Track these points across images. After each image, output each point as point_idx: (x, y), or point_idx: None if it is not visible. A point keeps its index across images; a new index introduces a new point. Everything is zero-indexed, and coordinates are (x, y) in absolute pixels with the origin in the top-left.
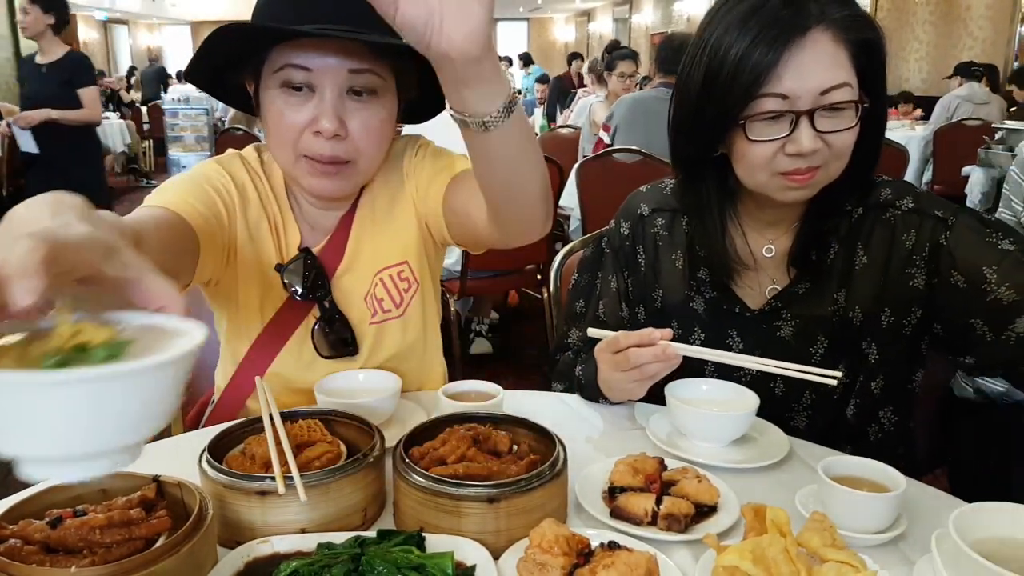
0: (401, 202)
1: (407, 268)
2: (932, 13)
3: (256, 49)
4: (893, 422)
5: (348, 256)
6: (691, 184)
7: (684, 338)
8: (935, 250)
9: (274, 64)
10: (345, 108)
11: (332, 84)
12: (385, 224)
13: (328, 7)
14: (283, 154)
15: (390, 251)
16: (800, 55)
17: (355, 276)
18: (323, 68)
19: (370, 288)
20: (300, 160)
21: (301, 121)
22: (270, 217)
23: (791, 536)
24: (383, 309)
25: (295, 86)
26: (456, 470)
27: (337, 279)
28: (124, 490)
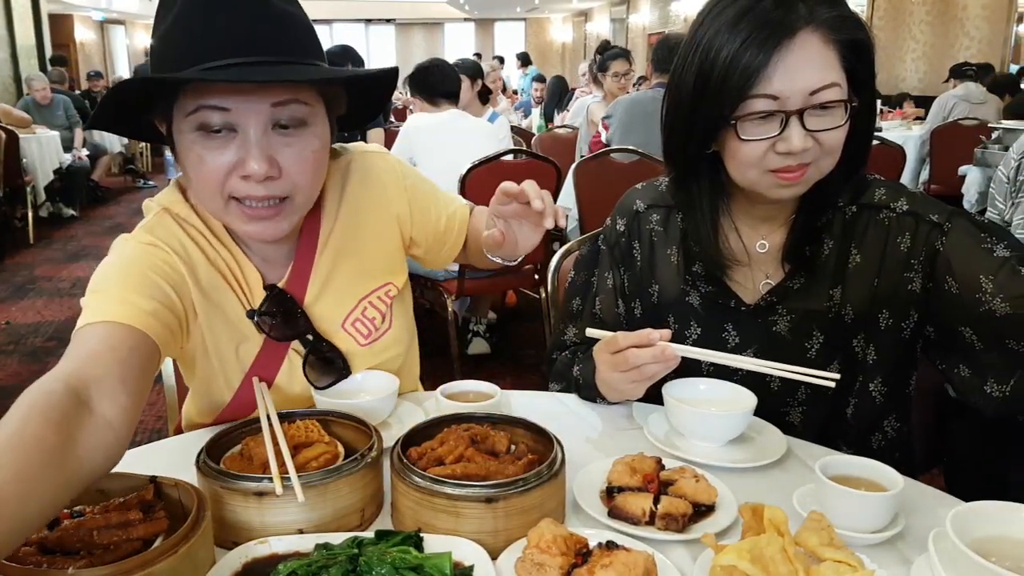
0: (376, 222)
1: (392, 287)
2: (929, 13)
3: (162, 93)
4: (896, 428)
5: (316, 283)
6: (684, 181)
7: (680, 333)
8: (932, 255)
9: (185, 107)
10: (272, 144)
11: (255, 122)
12: (360, 249)
13: (239, 38)
14: (211, 202)
15: (372, 275)
16: (789, 56)
17: (329, 302)
18: (243, 106)
19: (354, 312)
20: (230, 204)
21: (225, 164)
22: (222, 268)
23: (789, 535)
24: (375, 328)
25: (214, 129)
26: (454, 470)
27: (308, 308)
28: (121, 491)
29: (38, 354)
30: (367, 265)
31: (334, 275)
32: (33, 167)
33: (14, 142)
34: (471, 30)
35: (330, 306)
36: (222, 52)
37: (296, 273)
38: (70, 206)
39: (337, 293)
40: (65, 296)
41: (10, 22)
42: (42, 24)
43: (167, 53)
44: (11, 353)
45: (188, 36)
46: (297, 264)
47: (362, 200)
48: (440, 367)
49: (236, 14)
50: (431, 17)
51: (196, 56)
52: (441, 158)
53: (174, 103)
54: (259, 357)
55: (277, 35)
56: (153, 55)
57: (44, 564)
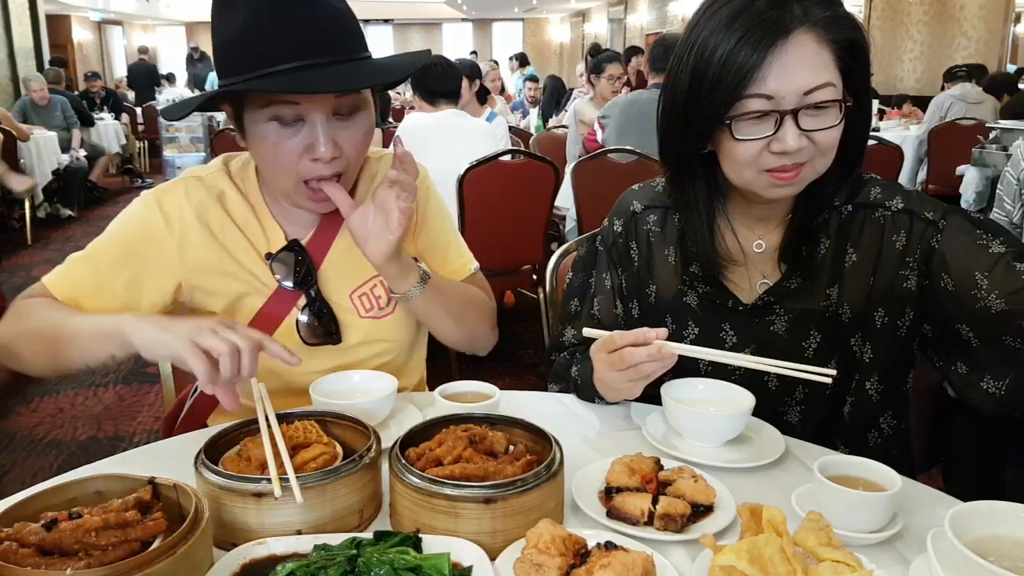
0: None
1: None
2: (926, 13)
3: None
4: (892, 426)
5: (336, 251)
6: (680, 181)
7: (678, 333)
8: (928, 253)
9: (261, 100)
10: (334, 129)
11: (321, 112)
12: None
13: (306, 40)
14: (283, 180)
15: None
16: (784, 56)
17: (343, 271)
18: (312, 100)
19: (363, 286)
20: (300, 186)
21: (297, 149)
22: (244, 225)
23: (787, 535)
24: (379, 306)
25: (286, 120)
26: (452, 471)
27: (323, 271)
28: (120, 492)
29: None
30: None
31: (353, 248)
32: (31, 168)
33: (12, 143)
34: (469, 30)
35: (343, 274)
36: (292, 55)
37: (318, 236)
38: (68, 207)
39: (352, 266)
40: None
41: (7, 22)
42: (39, 24)
43: (239, 54)
44: None
45: (259, 39)
46: (321, 229)
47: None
48: (438, 368)
49: (301, 17)
50: (429, 17)
51: (269, 58)
52: (438, 158)
53: (246, 97)
54: (263, 310)
55: (338, 34)
56: (221, 55)
57: (42, 565)
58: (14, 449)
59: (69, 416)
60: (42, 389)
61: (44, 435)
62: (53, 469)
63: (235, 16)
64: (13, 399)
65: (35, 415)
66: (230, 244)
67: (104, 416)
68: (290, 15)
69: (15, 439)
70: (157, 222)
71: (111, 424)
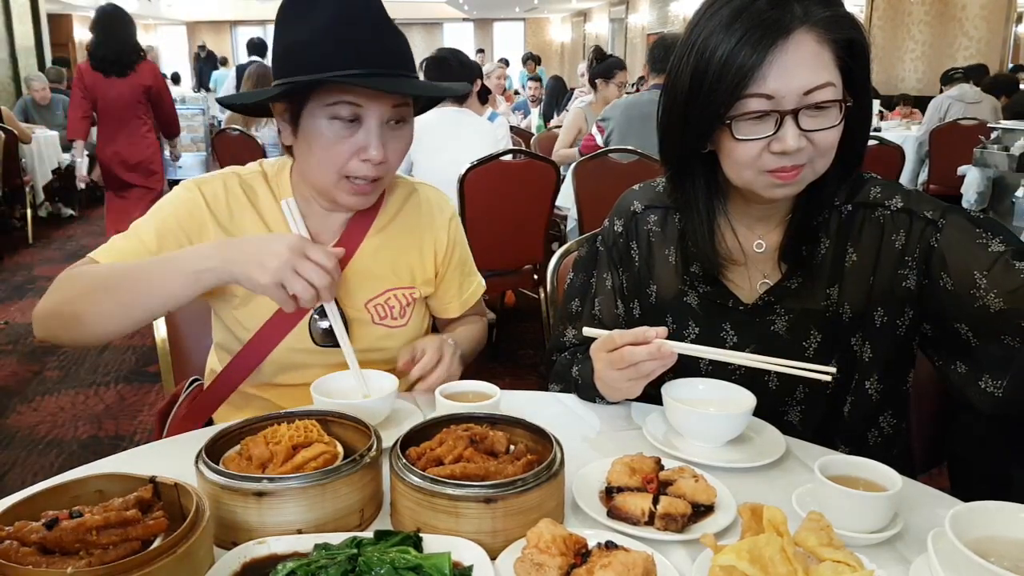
0: (419, 238)
1: (417, 291)
2: (927, 13)
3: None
4: (892, 425)
5: (357, 260)
6: (681, 181)
7: (679, 332)
8: (927, 252)
9: (325, 99)
10: (384, 135)
11: (376, 117)
12: (401, 251)
13: (374, 50)
14: (325, 175)
15: (402, 275)
16: (784, 56)
17: (361, 280)
18: (372, 104)
19: (378, 297)
20: (342, 181)
21: (350, 149)
22: (270, 222)
23: (788, 536)
24: (392, 316)
25: (346, 119)
26: (453, 470)
27: (342, 277)
28: (120, 491)
29: (36, 354)
30: (401, 264)
31: (373, 260)
32: (32, 167)
33: (13, 142)
34: (470, 30)
35: (361, 284)
36: (359, 61)
37: (342, 244)
38: (69, 206)
39: (371, 276)
40: None
41: (9, 22)
42: (41, 24)
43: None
44: (10, 353)
45: (329, 44)
46: (345, 236)
47: (414, 217)
48: None
49: (369, 31)
50: (430, 17)
51: (337, 62)
52: (439, 157)
53: (311, 95)
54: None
55: (398, 52)
56: (288, 55)
57: (43, 564)
58: (15, 448)
59: (70, 415)
60: (43, 388)
61: (45, 434)
62: (54, 468)
63: (306, 23)
64: (14, 398)
65: (36, 414)
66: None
67: (105, 415)
68: (360, 27)
69: (16, 438)
70: (199, 203)
71: (112, 423)
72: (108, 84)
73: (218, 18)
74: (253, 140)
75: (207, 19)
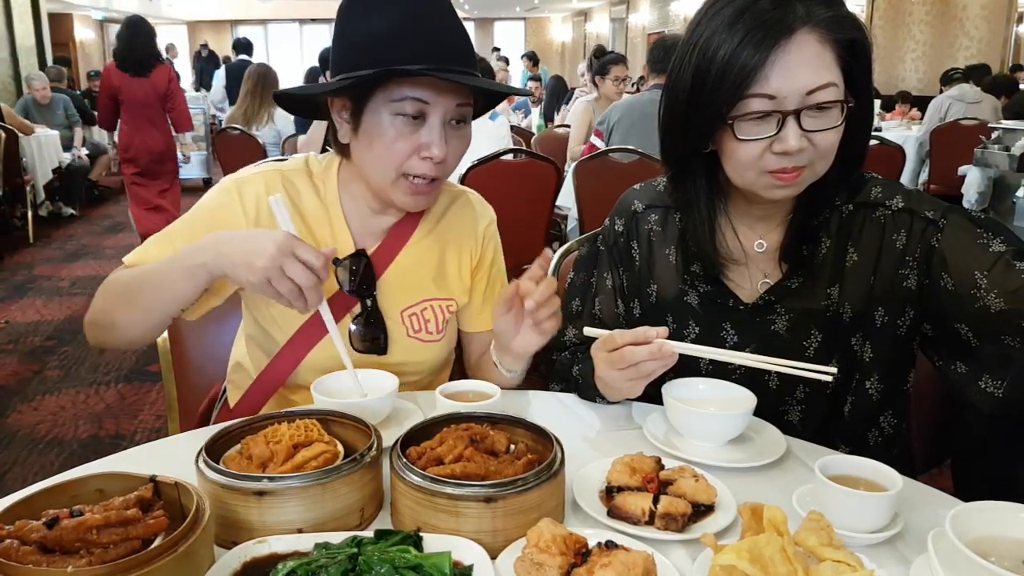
0: (459, 246)
1: (454, 303)
2: (928, 13)
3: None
4: (892, 425)
5: (398, 265)
6: (682, 181)
7: (679, 332)
8: (928, 252)
9: (392, 93)
10: (447, 135)
11: (439, 115)
12: (441, 260)
13: (443, 49)
14: (384, 172)
15: (441, 285)
16: (786, 56)
17: (400, 287)
18: (438, 101)
19: (415, 306)
20: (400, 179)
21: (411, 146)
22: (314, 226)
23: (788, 535)
24: (427, 330)
25: (411, 116)
26: (453, 470)
27: (381, 283)
28: (121, 490)
29: (37, 353)
30: (441, 274)
31: (413, 268)
32: (32, 166)
33: (14, 141)
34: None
35: (399, 291)
36: (430, 58)
37: (384, 248)
38: (70, 205)
39: (409, 284)
40: (64, 295)
41: (9, 21)
42: (41, 23)
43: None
44: (11, 352)
45: (400, 40)
46: (388, 241)
47: (457, 223)
48: None
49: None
50: None
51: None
52: None
53: (377, 89)
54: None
55: (465, 50)
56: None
57: (44, 563)
58: (15, 447)
59: (71, 414)
60: (44, 387)
61: (46, 433)
62: (54, 467)
63: (376, 18)
64: (15, 397)
65: (36, 413)
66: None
67: (105, 414)
68: (433, 24)
69: (17, 437)
70: (235, 207)
71: (112, 422)
72: (132, 82)
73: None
74: (253, 139)
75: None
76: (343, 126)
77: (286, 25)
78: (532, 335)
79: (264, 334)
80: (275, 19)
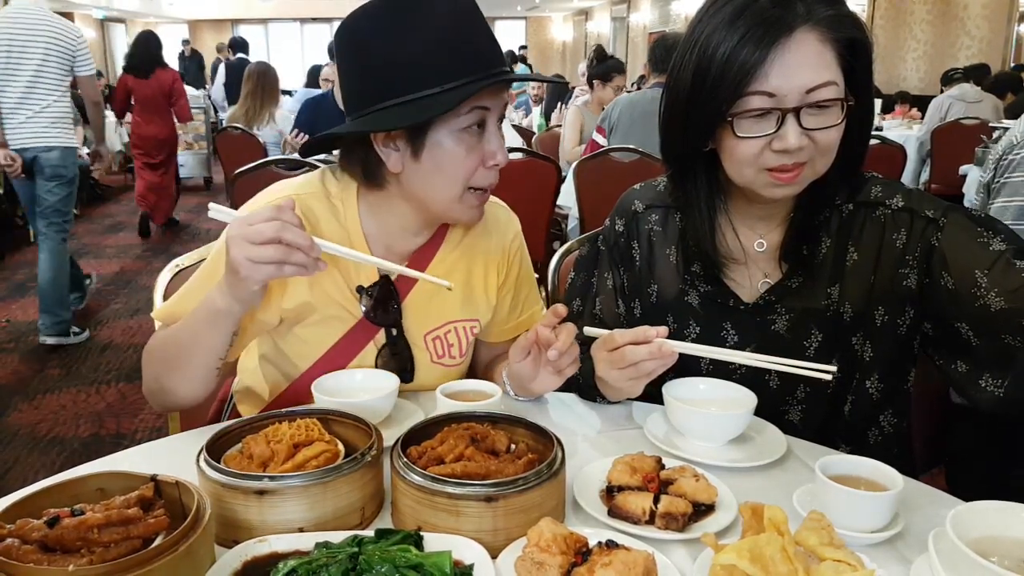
0: (484, 262)
1: (478, 324)
2: (930, 12)
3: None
4: (892, 424)
5: (421, 287)
6: (682, 180)
7: (680, 332)
8: (928, 251)
9: (460, 109)
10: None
11: (496, 117)
12: (465, 280)
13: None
14: (451, 191)
15: (465, 306)
16: (786, 54)
17: (423, 311)
18: (495, 105)
19: (438, 330)
20: (466, 194)
21: (478, 158)
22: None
23: (789, 535)
24: (450, 355)
25: (476, 124)
26: (454, 469)
27: (404, 307)
28: (122, 489)
29: (38, 352)
30: (465, 295)
31: (437, 290)
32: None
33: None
34: None
35: (421, 315)
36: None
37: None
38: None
39: (432, 307)
40: None
41: None
42: None
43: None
44: (11, 351)
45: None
46: (411, 265)
47: (481, 239)
48: None
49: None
50: None
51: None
52: None
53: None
54: (343, 339)
55: (498, 47)
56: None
57: (45, 562)
58: (16, 446)
59: (71, 413)
60: (44, 386)
61: (46, 432)
62: (55, 466)
63: (411, 39)
64: (15, 396)
65: (37, 412)
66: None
67: (106, 413)
68: (470, 30)
69: (18, 436)
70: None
71: (113, 421)
72: (140, 83)
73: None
74: (254, 139)
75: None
76: (391, 155)
77: (287, 24)
78: (551, 377)
79: (285, 358)
80: (276, 18)
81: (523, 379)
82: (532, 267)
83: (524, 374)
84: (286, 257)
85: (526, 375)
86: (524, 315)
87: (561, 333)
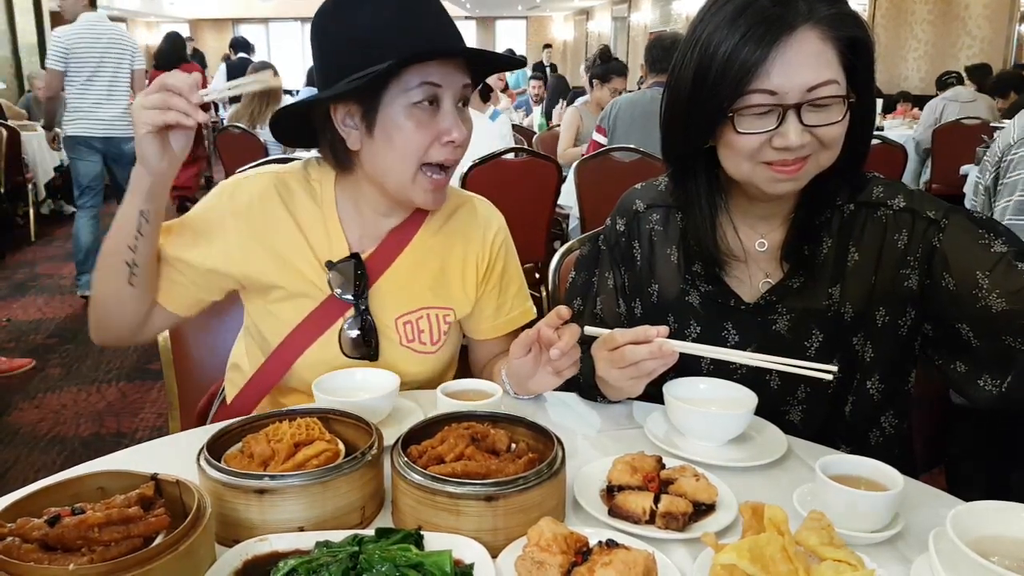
0: (463, 253)
1: (452, 314)
2: (931, 12)
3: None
4: (893, 425)
5: (394, 272)
6: (683, 178)
7: (680, 332)
8: (929, 252)
9: (406, 84)
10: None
11: (452, 97)
12: (441, 267)
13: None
14: (404, 168)
15: (440, 293)
16: (788, 52)
17: (395, 294)
18: (448, 83)
19: (410, 314)
20: (419, 175)
21: (431, 134)
22: (308, 230)
23: (789, 535)
24: (420, 341)
25: (427, 102)
26: (454, 469)
27: (376, 288)
28: (122, 488)
29: (39, 351)
30: (440, 283)
31: (411, 274)
32: (34, 164)
33: (15, 139)
34: (472, 28)
35: (394, 298)
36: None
37: (380, 253)
38: (71, 203)
39: (405, 291)
40: (66, 293)
41: (11, 18)
42: (44, 21)
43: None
44: (12, 351)
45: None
46: (384, 246)
47: (462, 230)
48: None
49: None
50: None
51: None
52: None
53: (389, 83)
54: (312, 315)
55: (454, 27)
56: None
57: (45, 561)
58: (17, 445)
59: (72, 412)
60: (45, 385)
61: (47, 431)
62: (56, 465)
63: (363, 15)
64: (16, 395)
65: (38, 411)
66: (287, 246)
67: (107, 412)
68: (419, 9)
69: (18, 435)
70: (223, 206)
71: (113, 420)
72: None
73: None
74: (255, 138)
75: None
76: (351, 133)
77: (287, 24)
78: (549, 377)
79: (259, 334)
80: (276, 18)
81: (522, 376)
82: (520, 265)
83: (523, 371)
84: (167, 101)
85: (525, 373)
86: (513, 312)
87: (564, 334)
